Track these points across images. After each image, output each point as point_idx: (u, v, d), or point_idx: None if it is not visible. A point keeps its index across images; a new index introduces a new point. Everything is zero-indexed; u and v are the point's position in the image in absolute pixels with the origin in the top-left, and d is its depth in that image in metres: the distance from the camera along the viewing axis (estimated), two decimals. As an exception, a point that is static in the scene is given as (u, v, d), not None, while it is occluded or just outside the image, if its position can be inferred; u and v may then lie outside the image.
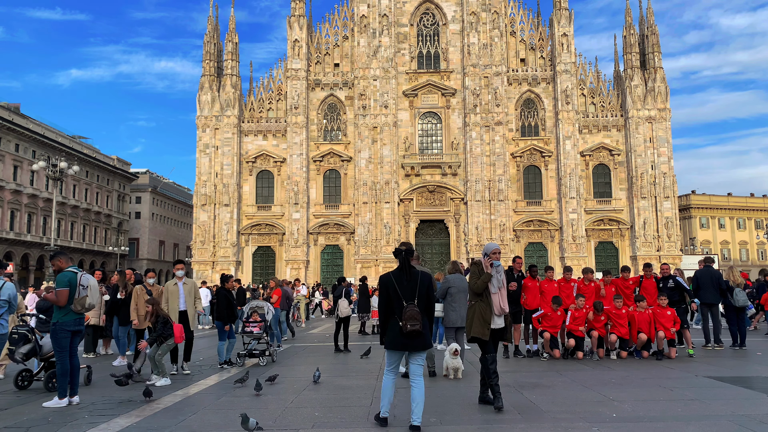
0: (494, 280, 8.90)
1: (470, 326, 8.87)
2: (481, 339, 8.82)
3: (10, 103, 70.43)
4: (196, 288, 13.76)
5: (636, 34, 66.88)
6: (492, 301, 8.89)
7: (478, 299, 8.96)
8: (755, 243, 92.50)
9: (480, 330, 8.80)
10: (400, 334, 7.50)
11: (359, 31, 66.16)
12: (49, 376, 10.93)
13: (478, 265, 9.06)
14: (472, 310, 8.96)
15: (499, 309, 8.95)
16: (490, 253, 8.99)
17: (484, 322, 8.79)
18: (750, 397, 9.66)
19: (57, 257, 9.97)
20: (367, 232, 63.01)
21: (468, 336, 8.94)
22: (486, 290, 8.90)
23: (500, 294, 8.97)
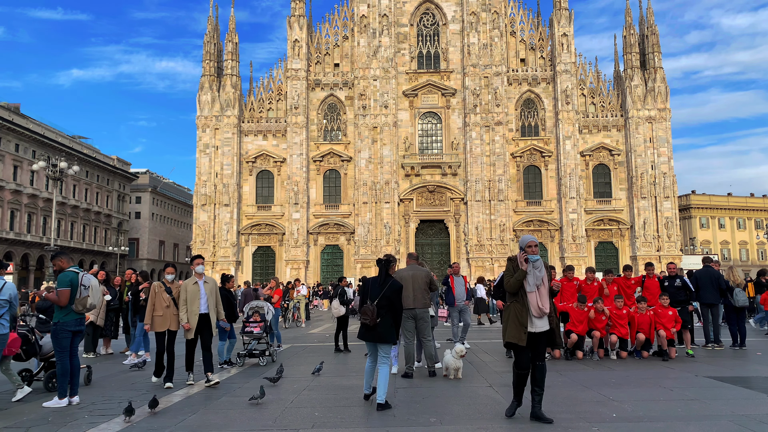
0: (530, 278, 7.98)
1: (504, 329, 8.06)
2: (517, 345, 7.91)
3: (10, 103, 70.41)
4: (218, 288, 12.01)
5: (636, 34, 66.90)
6: (529, 300, 7.95)
7: (513, 299, 8.08)
8: (755, 243, 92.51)
9: (516, 334, 7.89)
10: (362, 327, 9.29)
11: (359, 31, 66.17)
12: (49, 376, 10.93)
13: (513, 261, 8.18)
14: (507, 311, 8.10)
15: (537, 310, 7.95)
16: (525, 247, 8.11)
17: (520, 325, 7.89)
18: (750, 397, 9.66)
19: (58, 257, 9.97)
20: (367, 232, 63.02)
21: (503, 340, 8.11)
22: (521, 289, 8.00)
23: (538, 293, 7.99)
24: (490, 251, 62.51)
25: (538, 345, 7.98)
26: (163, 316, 11.40)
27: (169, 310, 11.42)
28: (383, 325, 9.14)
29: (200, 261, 11.86)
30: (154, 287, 11.60)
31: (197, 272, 11.70)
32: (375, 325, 9.11)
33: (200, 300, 11.39)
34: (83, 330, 10.16)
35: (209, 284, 11.68)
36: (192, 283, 11.53)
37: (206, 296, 11.51)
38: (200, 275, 11.68)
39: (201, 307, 11.39)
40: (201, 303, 11.38)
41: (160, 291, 11.60)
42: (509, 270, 8.15)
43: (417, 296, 12.08)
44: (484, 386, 10.77)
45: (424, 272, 12.41)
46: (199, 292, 11.42)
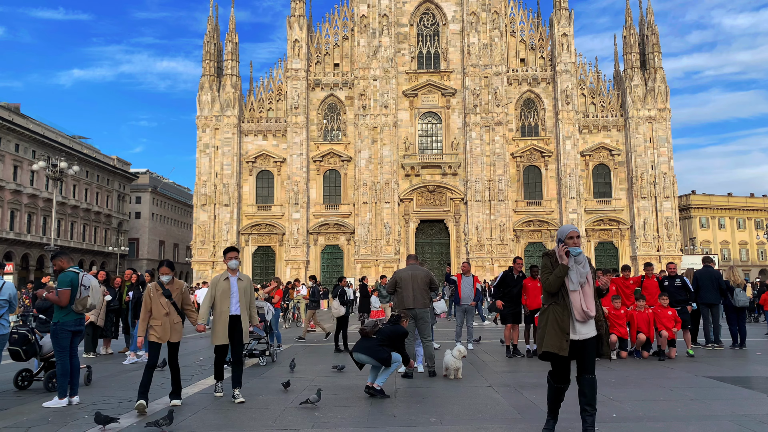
0: (572, 274, 6.67)
1: (542, 337, 6.74)
2: (558, 355, 6.59)
3: (10, 103, 70.42)
4: (252, 287, 10.34)
5: (636, 34, 66.91)
6: (571, 302, 6.66)
7: (552, 301, 6.78)
8: (755, 243, 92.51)
9: (555, 342, 6.56)
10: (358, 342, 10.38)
11: (359, 31, 66.17)
12: (49, 376, 10.93)
13: (550, 257, 6.93)
14: (544, 316, 6.82)
15: (581, 313, 6.63)
16: (565, 239, 6.85)
17: (561, 331, 6.57)
18: (750, 397, 9.66)
19: (58, 257, 9.97)
20: (367, 232, 63.01)
21: (539, 350, 6.82)
22: (563, 288, 6.73)
23: (582, 292, 6.68)
24: (490, 251, 62.51)
25: (584, 355, 6.69)
26: (162, 325, 9.35)
27: (169, 318, 9.42)
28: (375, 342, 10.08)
29: (234, 255, 9.99)
30: (148, 290, 9.51)
31: (230, 268, 9.98)
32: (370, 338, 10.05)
33: (231, 299, 9.78)
34: (83, 330, 10.16)
35: (243, 282, 10.01)
36: (223, 278, 9.90)
37: (239, 295, 9.85)
38: (234, 271, 10.02)
39: (232, 307, 9.75)
40: (232, 303, 9.77)
41: (157, 295, 9.48)
42: (546, 266, 6.89)
43: (417, 296, 12.09)
44: (484, 386, 10.77)
45: (424, 272, 12.42)
46: (230, 289, 9.80)
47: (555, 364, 6.77)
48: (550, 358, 6.73)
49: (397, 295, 12.29)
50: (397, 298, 12.27)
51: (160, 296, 9.51)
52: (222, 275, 9.98)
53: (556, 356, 6.64)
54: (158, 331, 9.40)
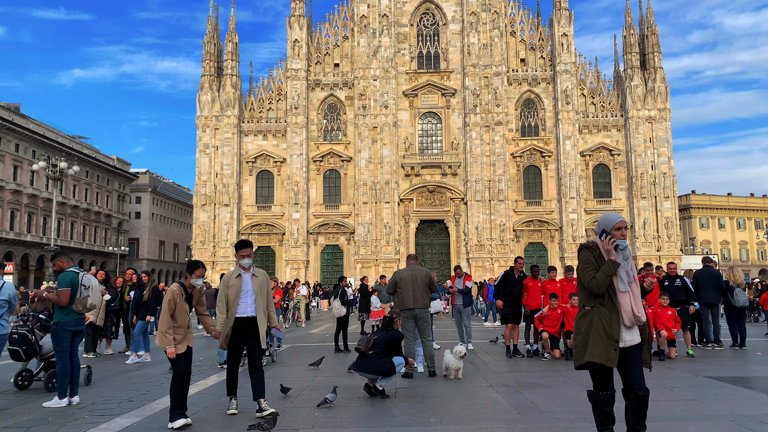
0: (621, 272, 5.70)
1: (583, 345, 5.70)
2: (604, 366, 5.63)
3: (10, 103, 70.44)
4: (269, 285, 9.17)
5: (636, 34, 66.91)
6: (621, 304, 5.67)
7: (596, 303, 5.76)
8: (755, 243, 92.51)
9: (602, 352, 5.59)
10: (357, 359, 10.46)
11: (359, 31, 66.17)
12: (49, 376, 10.93)
13: (593, 250, 5.84)
14: (585, 320, 5.77)
15: (630, 317, 5.66)
16: (612, 230, 5.81)
17: (608, 338, 5.60)
18: (750, 397, 9.66)
19: (58, 257, 9.97)
20: (367, 232, 63.01)
21: (579, 361, 5.79)
22: (610, 288, 5.72)
23: (632, 293, 5.73)
24: (490, 251, 62.51)
25: (628, 365, 5.74)
26: (184, 333, 8.44)
27: (189, 323, 8.64)
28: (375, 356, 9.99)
29: (247, 252, 8.81)
30: (173, 295, 8.35)
31: (242, 265, 8.77)
32: (368, 355, 10.01)
33: (246, 299, 8.64)
34: (83, 330, 10.16)
35: (259, 278, 8.80)
36: (235, 276, 8.73)
37: (254, 294, 8.66)
38: (247, 269, 8.82)
39: (247, 308, 8.60)
40: (247, 303, 8.62)
41: (181, 300, 8.47)
42: (589, 262, 5.81)
43: (417, 296, 12.10)
44: (484, 386, 10.77)
45: (424, 272, 12.43)
46: (240, 288, 8.64)
47: (597, 378, 5.83)
48: (591, 368, 5.75)
49: (397, 295, 12.30)
50: (397, 299, 12.29)
51: (182, 301, 8.46)
52: (234, 272, 8.84)
53: (602, 368, 5.66)
54: (178, 341, 8.33)
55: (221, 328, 8.58)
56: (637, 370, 5.74)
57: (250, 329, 8.58)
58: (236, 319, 8.54)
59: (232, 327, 8.54)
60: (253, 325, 8.60)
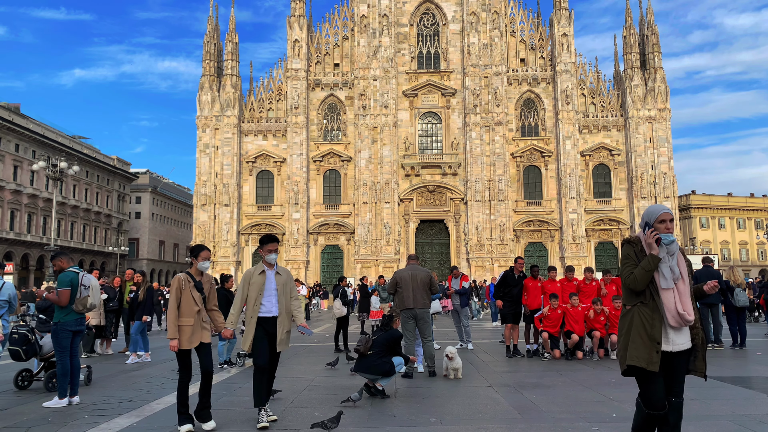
0: (664, 268, 5.13)
1: (624, 348, 5.22)
2: (645, 370, 5.09)
3: (10, 103, 70.45)
4: (293, 283, 8.52)
5: (636, 34, 66.91)
6: (663, 303, 5.12)
7: (637, 301, 5.23)
8: (755, 243, 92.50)
9: (642, 354, 5.08)
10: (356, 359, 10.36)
11: (359, 31, 66.18)
12: (49, 376, 10.93)
13: (634, 245, 5.35)
14: (626, 320, 5.28)
15: (675, 317, 5.10)
16: (655, 222, 5.29)
17: (649, 340, 5.09)
18: (750, 397, 9.66)
19: (58, 257, 9.97)
20: (367, 232, 63.02)
21: (622, 366, 5.29)
22: (651, 285, 5.17)
23: (677, 291, 5.14)
24: (490, 251, 62.51)
25: (673, 371, 5.19)
26: (193, 325, 7.81)
27: (200, 316, 7.93)
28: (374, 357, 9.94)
29: (273, 247, 8.27)
30: (179, 282, 7.86)
31: (268, 261, 8.22)
32: (367, 355, 9.98)
33: (271, 298, 8.10)
34: (83, 330, 10.16)
35: (282, 276, 8.27)
36: (258, 272, 8.14)
37: (278, 293, 8.14)
38: (271, 265, 8.27)
39: (272, 307, 8.09)
40: (272, 302, 8.09)
41: (189, 287, 7.89)
42: (629, 257, 5.31)
43: (417, 296, 12.11)
44: (484, 386, 10.77)
45: (425, 272, 12.45)
46: (264, 285, 8.09)
47: (644, 383, 5.17)
48: (635, 375, 5.19)
49: (397, 295, 12.31)
50: (398, 298, 12.29)
51: (192, 289, 7.85)
52: (256, 268, 8.20)
53: (644, 372, 5.11)
54: (186, 333, 7.75)
55: (232, 327, 8.20)
56: (679, 377, 5.21)
57: (275, 330, 8.06)
58: (259, 319, 7.99)
59: (256, 328, 8.00)
60: (275, 325, 8.10)
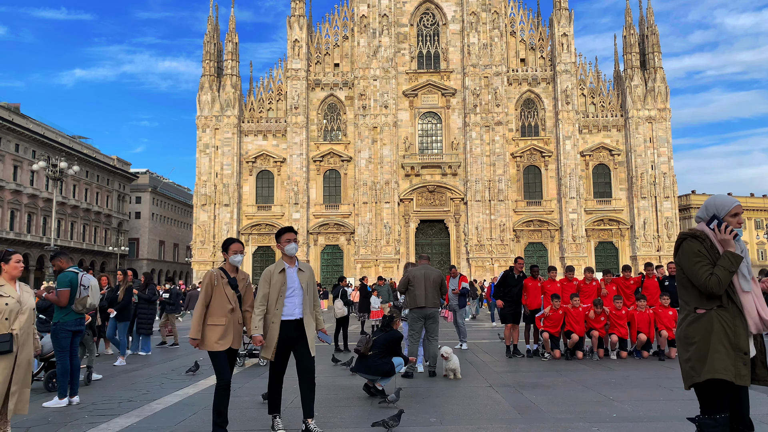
0: (744, 267, 4.51)
1: (700, 358, 4.48)
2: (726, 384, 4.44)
3: (10, 103, 70.45)
4: (315, 281, 7.78)
5: (636, 34, 66.90)
6: (745, 307, 4.48)
7: (712, 305, 4.54)
8: (755, 243, 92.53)
9: (728, 366, 4.39)
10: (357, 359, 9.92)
11: (359, 31, 66.17)
12: (49, 376, 10.93)
13: (703, 240, 4.61)
14: (701, 326, 4.55)
15: (757, 323, 4.49)
16: (727, 216, 4.64)
17: (735, 349, 4.41)
18: (750, 397, 9.64)
19: (57, 257, 9.97)
20: (367, 232, 63.01)
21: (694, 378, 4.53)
22: (730, 287, 4.51)
23: (755, 294, 4.52)
24: (490, 251, 62.50)
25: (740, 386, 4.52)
26: (226, 326, 7.05)
27: (234, 317, 7.17)
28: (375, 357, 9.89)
29: (292, 237, 7.49)
30: (210, 277, 7.17)
31: (287, 254, 7.43)
32: (367, 355, 9.90)
33: (294, 298, 7.31)
34: (83, 330, 10.16)
35: (305, 274, 7.47)
36: (278, 270, 7.32)
37: (302, 293, 7.36)
38: (292, 260, 7.45)
39: (294, 309, 7.30)
40: (294, 302, 7.32)
41: (222, 283, 7.15)
42: (700, 255, 4.56)
43: (429, 296, 12.14)
44: (484, 386, 10.77)
45: (437, 273, 12.55)
46: (285, 283, 7.29)
47: (713, 396, 4.52)
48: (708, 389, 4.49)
49: (408, 293, 12.34)
50: (409, 297, 12.33)
51: (225, 286, 7.13)
52: (276, 266, 7.36)
53: (727, 386, 4.42)
54: (216, 334, 6.98)
55: (257, 332, 7.19)
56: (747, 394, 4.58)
57: (297, 334, 7.26)
58: (281, 323, 7.23)
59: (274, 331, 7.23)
60: (300, 329, 7.29)
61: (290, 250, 7.39)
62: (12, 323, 6.23)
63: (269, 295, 7.25)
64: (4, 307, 6.27)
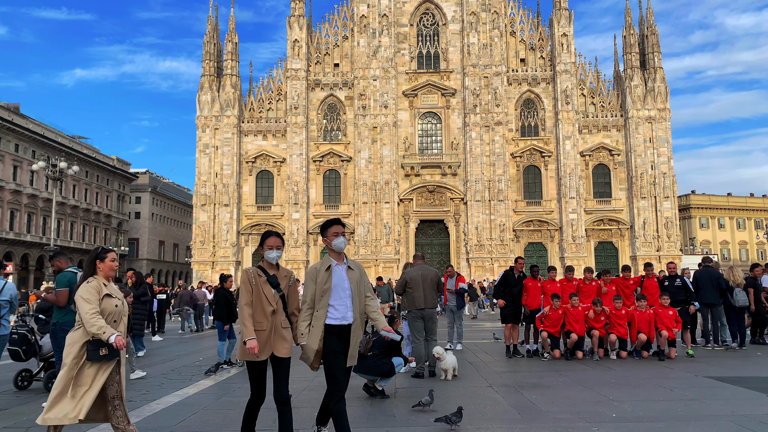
0: None
1: None
2: None
3: (10, 103, 70.43)
4: (367, 279, 6.81)
5: (636, 34, 66.90)
6: None
7: None
8: (755, 243, 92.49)
9: None
10: None
11: (359, 31, 66.18)
12: (49, 376, 10.93)
13: None
14: None
15: None
16: None
17: None
18: (750, 397, 9.65)
19: (57, 258, 9.96)
20: (366, 232, 63.02)
21: None
22: None
23: None
24: (490, 251, 62.51)
25: None
26: (267, 331, 6.15)
27: (276, 320, 6.25)
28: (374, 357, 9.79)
29: (340, 230, 6.52)
30: (248, 274, 6.30)
31: (335, 249, 6.49)
32: (367, 356, 9.76)
33: (344, 300, 6.36)
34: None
35: (355, 272, 6.51)
36: (324, 268, 6.40)
37: (350, 294, 6.39)
38: (340, 256, 6.54)
39: (346, 312, 6.35)
40: (346, 305, 6.36)
41: (261, 282, 6.28)
42: None
43: (427, 296, 12.11)
44: (484, 386, 10.77)
45: (434, 272, 12.51)
46: (331, 283, 6.37)
47: None
48: None
49: (407, 295, 12.28)
50: (407, 299, 12.27)
51: (264, 284, 6.26)
52: (322, 263, 6.46)
53: None
54: (260, 340, 6.12)
55: (303, 340, 6.32)
56: None
57: (344, 342, 6.36)
58: (327, 328, 6.28)
59: (323, 338, 6.27)
60: (347, 334, 6.37)
61: (338, 245, 6.44)
62: (118, 325, 6.08)
63: (316, 296, 6.35)
64: (114, 309, 6.06)
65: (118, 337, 5.84)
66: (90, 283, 6.08)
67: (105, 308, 6.02)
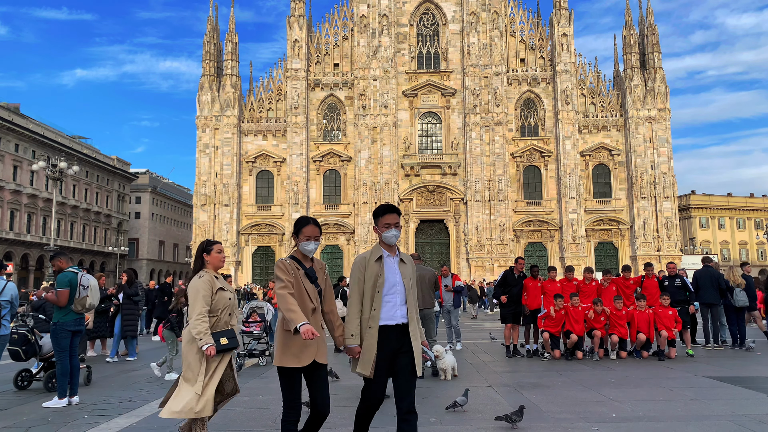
0: None
1: None
2: None
3: (10, 103, 70.42)
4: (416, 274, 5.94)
5: (636, 34, 66.92)
6: None
7: None
8: (755, 243, 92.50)
9: None
10: None
11: (359, 31, 66.18)
12: (49, 376, 10.92)
13: None
14: None
15: None
16: None
17: None
18: (750, 397, 9.65)
19: (57, 257, 9.96)
20: (366, 232, 63.01)
21: None
22: None
23: None
24: (490, 251, 62.51)
25: None
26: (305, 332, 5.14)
27: (316, 319, 5.48)
28: None
29: (394, 220, 5.50)
30: (284, 264, 5.51)
31: (386, 240, 5.53)
32: None
33: (394, 296, 5.47)
34: (83, 330, 10.15)
35: (408, 267, 5.63)
36: (374, 259, 5.47)
37: (404, 290, 5.51)
38: (392, 248, 5.58)
39: (395, 311, 5.47)
40: (396, 302, 5.47)
41: (300, 275, 5.49)
42: None
43: (425, 296, 12.10)
44: (484, 386, 10.76)
45: (430, 272, 12.50)
46: (383, 276, 5.44)
47: None
48: None
49: None
50: None
51: (303, 278, 5.48)
52: (372, 254, 5.53)
53: None
54: (294, 344, 5.32)
55: (354, 342, 5.41)
56: None
57: (400, 344, 5.45)
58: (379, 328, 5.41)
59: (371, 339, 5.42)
60: (405, 337, 5.46)
61: (389, 239, 5.50)
62: (231, 319, 6.04)
63: (365, 292, 5.43)
64: (228, 302, 6.01)
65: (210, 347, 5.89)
66: (203, 278, 6.03)
67: (219, 301, 6.00)
